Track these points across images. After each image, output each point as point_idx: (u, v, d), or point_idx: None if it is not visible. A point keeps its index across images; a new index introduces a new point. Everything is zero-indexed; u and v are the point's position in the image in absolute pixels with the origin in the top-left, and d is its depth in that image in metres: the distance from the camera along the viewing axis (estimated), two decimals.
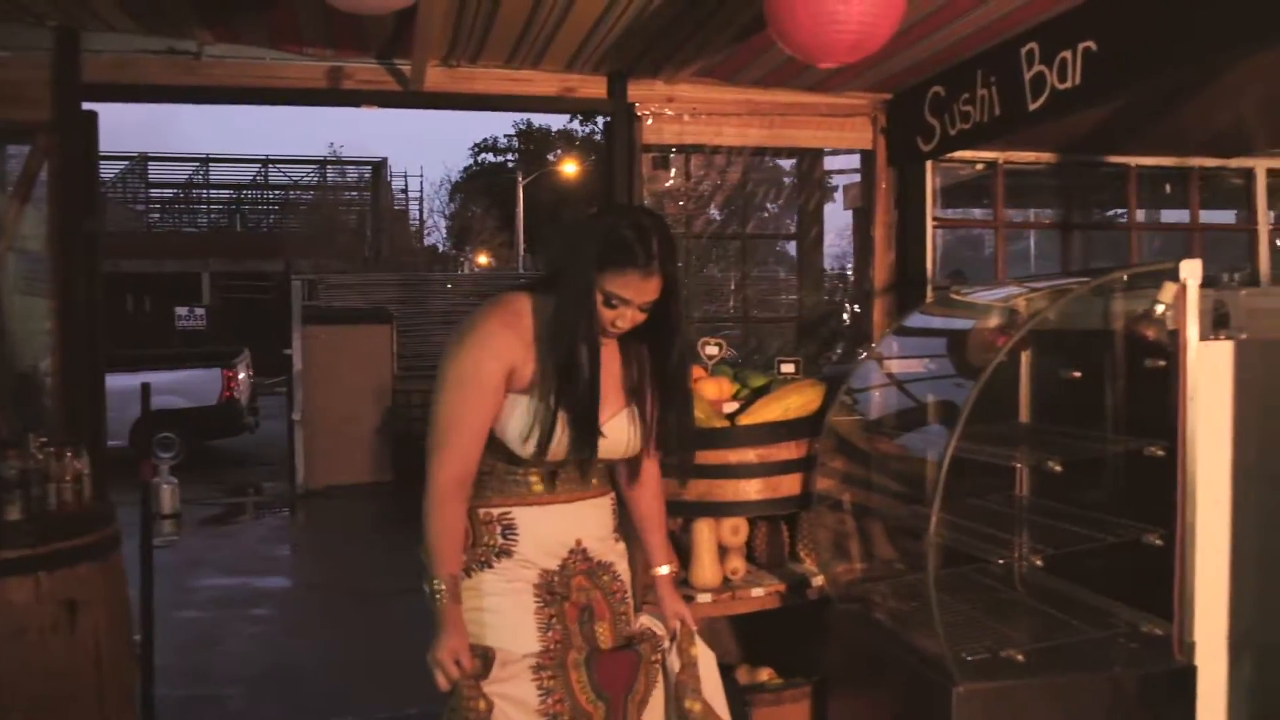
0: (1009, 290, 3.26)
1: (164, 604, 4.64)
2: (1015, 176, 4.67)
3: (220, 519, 9.19)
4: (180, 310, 18.47)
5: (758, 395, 3.31)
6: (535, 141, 30.96)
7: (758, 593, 3.22)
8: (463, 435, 2.09)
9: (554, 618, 2.15)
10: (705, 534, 3.20)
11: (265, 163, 25.95)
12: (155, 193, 25.74)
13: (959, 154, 4.03)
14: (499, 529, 2.16)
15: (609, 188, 3.94)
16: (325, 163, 26.09)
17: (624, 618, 2.29)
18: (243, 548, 7.97)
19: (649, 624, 2.32)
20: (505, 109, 4.84)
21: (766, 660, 3.48)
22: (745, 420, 3.19)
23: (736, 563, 3.25)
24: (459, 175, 32.26)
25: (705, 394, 3.25)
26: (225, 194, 26.09)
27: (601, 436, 2.13)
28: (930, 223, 4.09)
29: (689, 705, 2.23)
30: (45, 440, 3.24)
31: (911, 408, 3.21)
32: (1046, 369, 3.17)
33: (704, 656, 2.32)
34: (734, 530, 3.25)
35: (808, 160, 4.47)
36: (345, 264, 19.73)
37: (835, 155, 4.51)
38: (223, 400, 12.13)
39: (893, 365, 3.26)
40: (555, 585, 2.17)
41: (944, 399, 3.05)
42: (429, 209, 30.87)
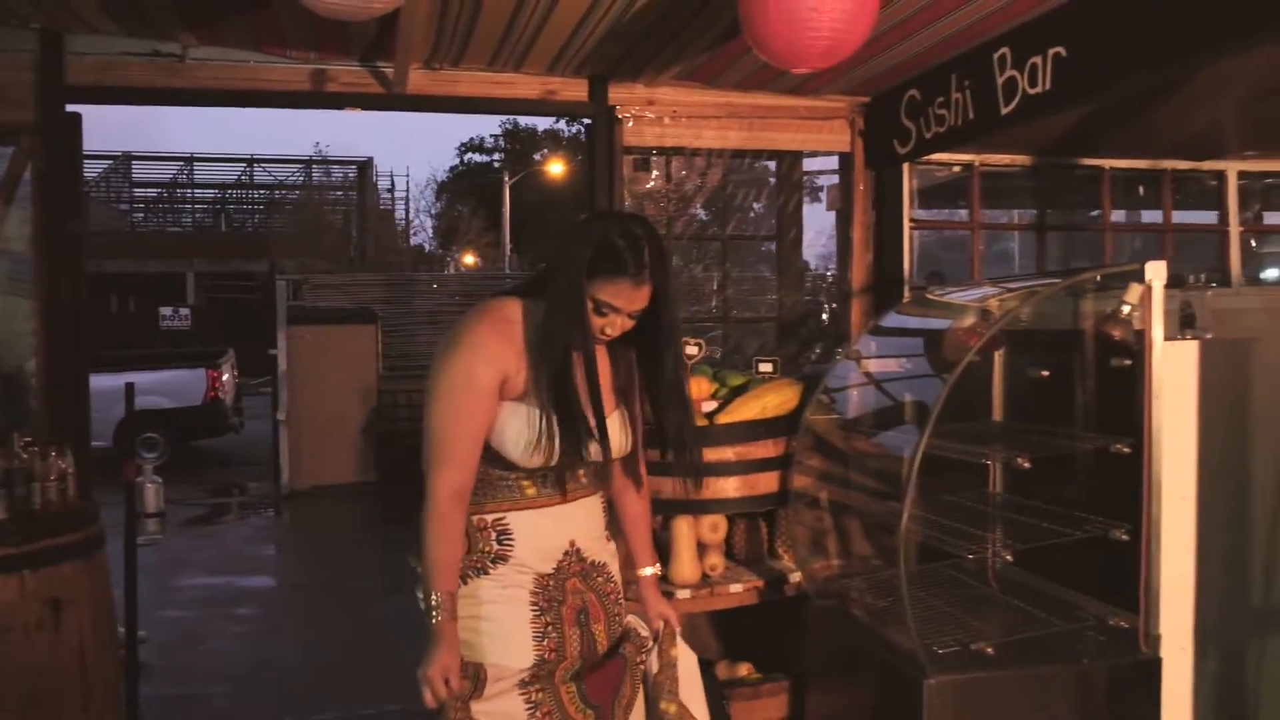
0: (983, 291, 3.31)
1: (148, 603, 4.66)
2: (994, 178, 4.73)
3: (205, 519, 9.18)
4: (165, 310, 18.44)
5: (736, 394, 3.36)
6: (521, 141, 30.97)
7: (736, 589, 3.26)
8: (461, 447, 2.06)
9: (550, 625, 2.14)
10: (684, 531, 3.25)
11: (250, 162, 25.86)
12: (139, 192, 25.63)
13: (936, 156, 4.08)
14: (494, 535, 2.14)
15: (590, 190, 3.98)
16: (311, 162, 26.03)
17: (618, 619, 2.28)
18: (227, 548, 7.97)
19: (634, 624, 2.32)
20: (488, 111, 4.86)
21: (745, 655, 3.53)
22: (723, 419, 3.24)
23: (715, 559, 3.30)
24: (445, 175, 32.30)
25: None
26: (210, 193, 26.00)
27: (591, 441, 2.12)
28: (908, 224, 4.13)
29: (664, 706, 2.23)
30: (30, 440, 3.26)
31: (886, 406, 3.27)
32: (1019, 368, 3.22)
33: (684, 658, 2.33)
34: (713, 527, 3.30)
35: (787, 162, 4.52)
36: (331, 264, 19.71)
37: (819, 156, 4.55)
38: (207, 400, 12.12)
39: (868, 364, 3.31)
40: (551, 589, 2.15)
41: (917, 397, 3.10)
42: (415, 209, 30.87)
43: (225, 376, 12.47)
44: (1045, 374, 3.03)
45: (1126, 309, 2.70)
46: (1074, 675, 2.59)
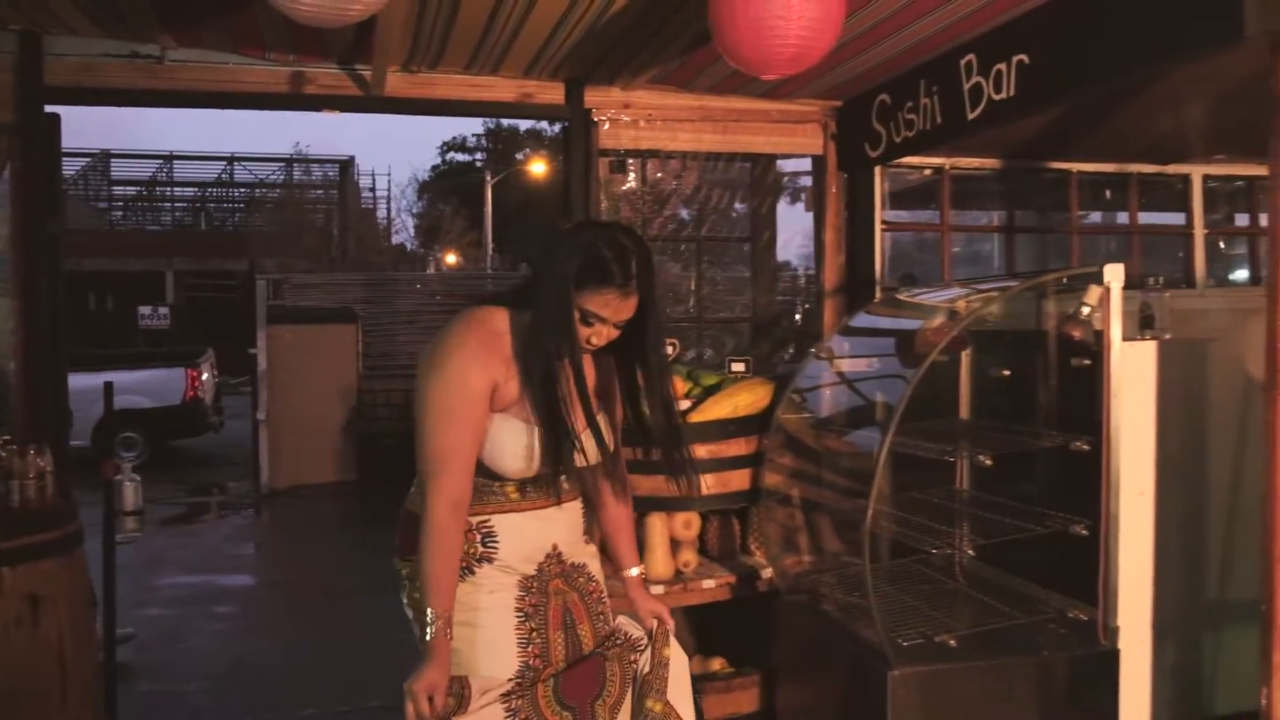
0: (951, 292, 3.38)
1: (127, 602, 4.66)
2: (966, 181, 4.81)
3: (184, 518, 9.17)
4: (143, 309, 18.30)
5: (709, 394, 3.41)
6: (504, 141, 30.93)
7: (708, 584, 3.31)
8: (456, 461, 2.06)
9: (535, 631, 2.15)
10: (658, 528, 3.30)
11: (231, 160, 25.73)
12: (118, 190, 25.47)
13: (907, 160, 4.15)
14: (479, 537, 2.15)
15: (567, 191, 4.03)
16: (292, 161, 25.92)
17: (602, 617, 2.30)
18: (206, 547, 7.97)
19: (626, 626, 2.34)
20: (465, 114, 4.89)
21: (718, 650, 3.59)
22: (696, 418, 3.29)
23: (688, 555, 3.35)
24: (427, 174, 32.25)
25: None
26: (190, 192, 25.86)
27: (579, 451, 2.14)
28: (879, 226, 4.21)
29: (650, 704, 2.24)
30: (9, 438, 3.29)
31: (854, 405, 3.33)
32: (986, 368, 3.30)
33: (676, 658, 2.35)
34: (686, 524, 3.35)
35: (761, 165, 4.58)
36: (312, 263, 19.65)
37: (798, 158, 4.61)
38: (187, 400, 12.08)
39: (838, 364, 3.37)
40: (535, 592, 2.17)
41: (885, 396, 3.16)
42: (397, 208, 30.81)
43: (205, 376, 12.43)
44: (1006, 373, 3.10)
45: (1086, 310, 2.77)
46: (1034, 666, 2.66)
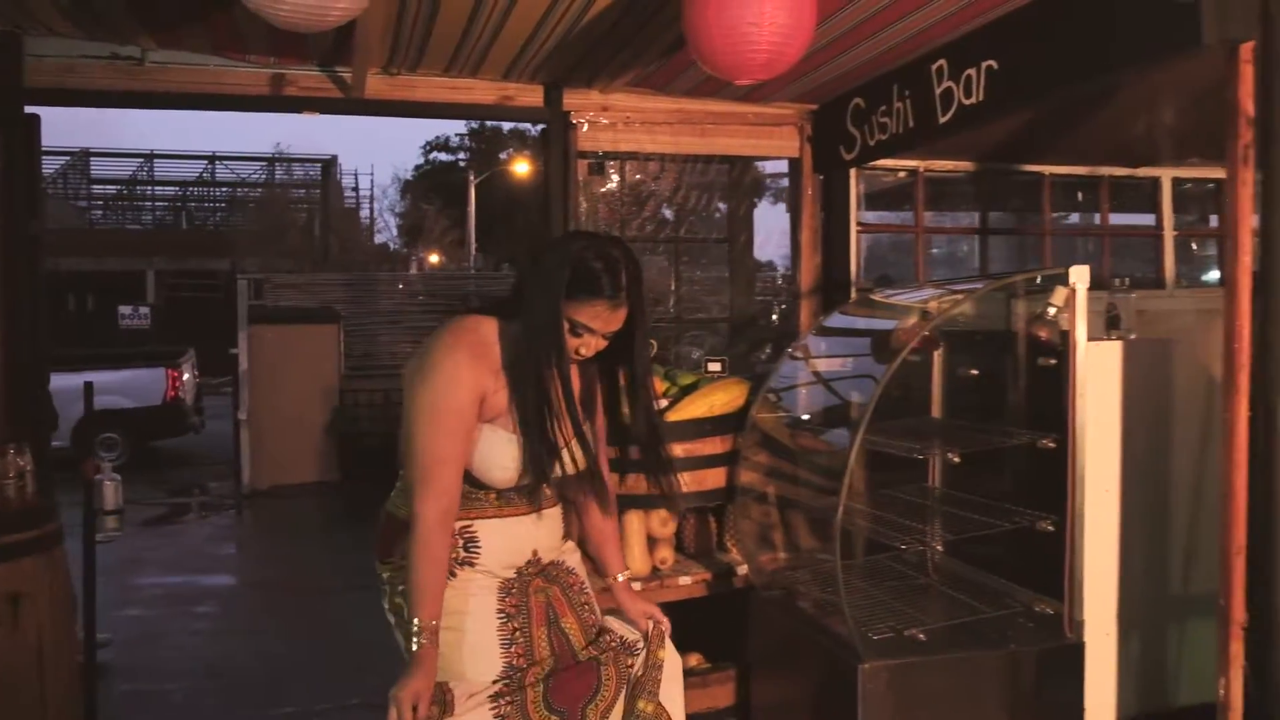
0: (924, 293, 3.44)
1: (107, 602, 4.67)
2: (942, 183, 4.87)
3: (165, 519, 9.14)
4: (124, 309, 18.18)
5: (686, 393, 3.45)
6: (487, 140, 30.88)
7: (685, 581, 3.36)
8: (447, 470, 2.07)
9: (517, 630, 2.17)
10: (635, 525, 3.34)
11: (212, 159, 25.63)
12: (98, 189, 25.32)
13: (882, 162, 4.21)
14: (461, 541, 2.17)
15: (546, 193, 4.07)
16: (274, 160, 25.85)
17: (586, 607, 2.32)
18: (187, 547, 7.95)
19: (621, 631, 2.35)
20: (445, 116, 4.94)
21: (695, 646, 3.62)
22: (672, 417, 3.33)
23: (665, 553, 3.40)
24: (410, 174, 32.17)
25: None
26: (171, 191, 25.74)
27: (564, 462, 2.17)
28: (854, 228, 4.26)
29: (642, 705, 2.26)
30: None
31: (827, 404, 3.38)
32: (957, 367, 3.35)
33: (671, 660, 2.36)
34: (663, 522, 3.39)
35: (739, 167, 4.63)
36: (294, 263, 19.61)
37: (774, 160, 4.67)
38: (167, 400, 12.02)
39: (812, 363, 3.42)
40: (515, 593, 2.19)
41: (857, 395, 3.22)
42: (379, 207, 30.75)
43: (186, 376, 12.38)
44: (974, 373, 3.16)
45: (1053, 311, 2.82)
46: (1001, 659, 2.71)
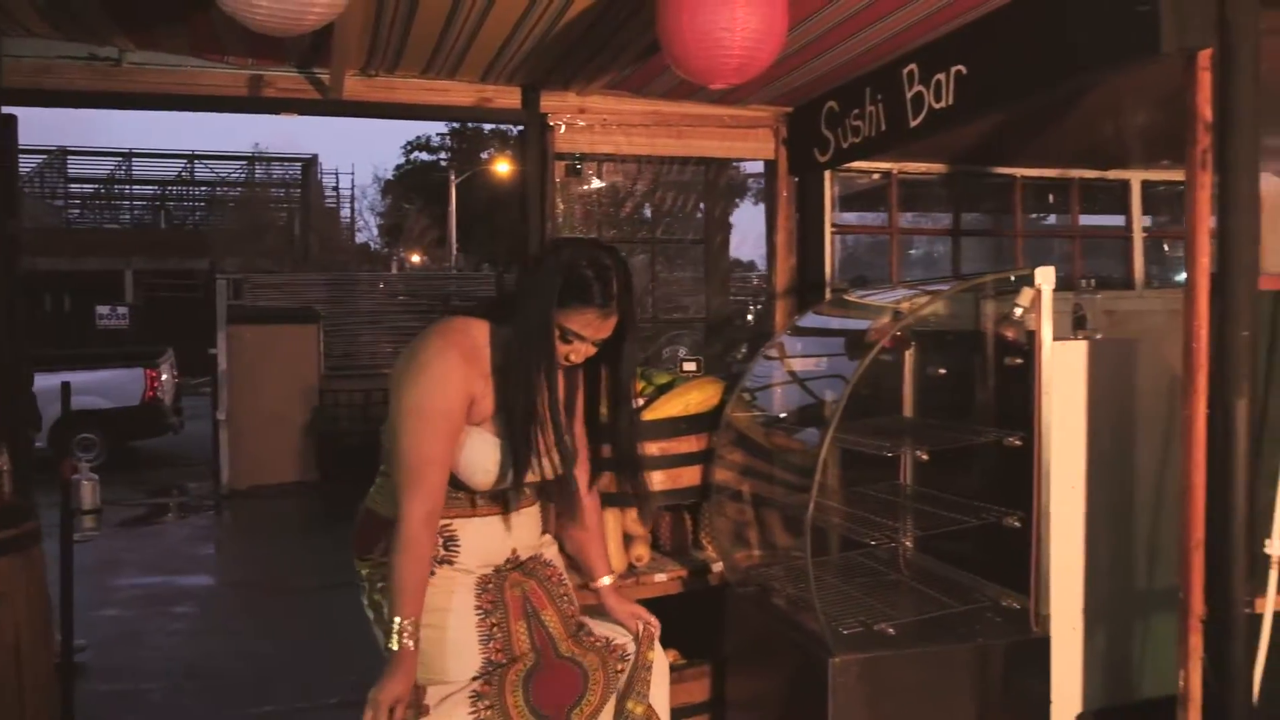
0: (897, 293, 3.49)
1: (85, 603, 4.67)
2: (915, 185, 4.93)
3: (143, 519, 9.11)
4: (101, 309, 18.09)
5: (662, 392, 3.50)
6: (468, 140, 30.83)
7: (661, 578, 3.40)
8: (433, 471, 2.09)
9: (495, 625, 2.18)
10: (611, 523, 3.37)
11: (191, 158, 25.51)
12: (75, 188, 25.17)
13: (856, 164, 4.26)
14: (441, 540, 2.19)
15: (524, 195, 4.10)
16: (254, 159, 25.74)
17: (565, 598, 2.35)
18: (166, 547, 7.94)
19: (610, 633, 2.36)
20: (423, 118, 4.95)
21: (671, 643, 3.65)
22: (648, 416, 3.37)
23: (641, 550, 3.44)
24: (391, 173, 32.08)
25: None
26: (149, 190, 25.59)
27: (547, 467, 2.19)
28: (829, 229, 4.32)
29: (631, 706, 2.28)
30: None
31: (801, 402, 3.43)
32: (928, 366, 3.41)
33: (659, 662, 2.39)
34: (638, 519, 3.44)
35: (714, 169, 4.68)
36: (274, 262, 19.54)
37: (750, 162, 4.71)
38: (145, 400, 11.98)
39: (786, 363, 3.47)
40: (492, 589, 2.21)
41: (829, 394, 3.27)
42: (360, 207, 30.67)
43: (164, 376, 12.33)
44: (945, 372, 3.21)
45: (1019, 311, 2.88)
46: (969, 653, 2.75)
